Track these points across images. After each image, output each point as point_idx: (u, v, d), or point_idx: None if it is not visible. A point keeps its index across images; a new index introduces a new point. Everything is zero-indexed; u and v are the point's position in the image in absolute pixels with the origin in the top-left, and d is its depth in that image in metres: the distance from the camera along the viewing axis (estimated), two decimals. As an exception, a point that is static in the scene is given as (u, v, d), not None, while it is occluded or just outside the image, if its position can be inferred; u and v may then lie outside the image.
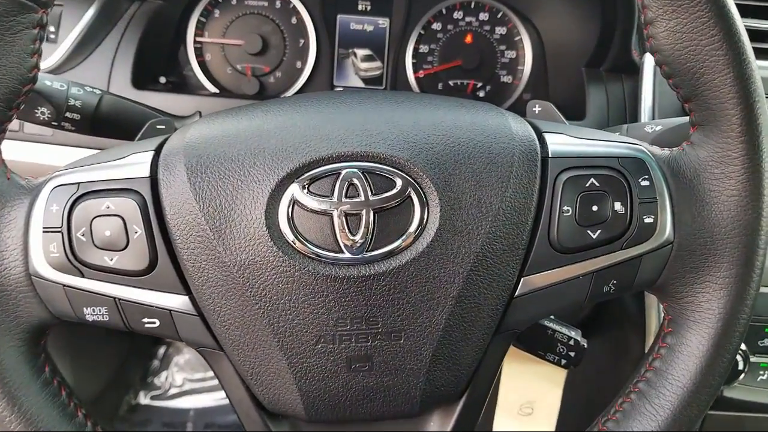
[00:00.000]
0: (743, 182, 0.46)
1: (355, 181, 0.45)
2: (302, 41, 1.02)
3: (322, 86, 1.03)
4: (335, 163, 0.45)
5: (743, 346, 0.73)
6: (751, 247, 0.47)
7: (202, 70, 1.02)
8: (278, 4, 1.01)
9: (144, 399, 1.57)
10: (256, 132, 0.47)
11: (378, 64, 1.04)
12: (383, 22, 1.03)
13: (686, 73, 0.46)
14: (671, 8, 0.45)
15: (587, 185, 0.47)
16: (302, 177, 0.45)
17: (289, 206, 0.45)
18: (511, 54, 1.03)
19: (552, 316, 0.67)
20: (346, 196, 0.45)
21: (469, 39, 1.03)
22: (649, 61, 0.80)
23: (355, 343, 0.46)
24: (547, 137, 0.49)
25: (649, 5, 0.46)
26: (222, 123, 0.50)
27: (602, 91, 0.84)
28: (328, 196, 0.45)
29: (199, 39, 1.02)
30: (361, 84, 1.05)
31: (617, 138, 0.51)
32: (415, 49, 1.03)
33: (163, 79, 0.95)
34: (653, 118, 0.79)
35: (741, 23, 0.45)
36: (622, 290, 0.49)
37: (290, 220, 0.45)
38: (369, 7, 1.03)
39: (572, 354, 0.58)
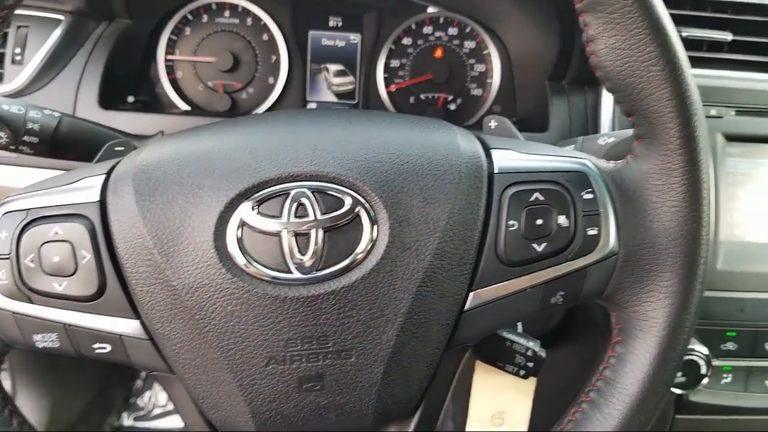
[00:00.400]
0: (683, 193, 0.47)
1: (305, 200, 0.45)
2: (274, 57, 1.03)
3: (295, 101, 1.04)
4: (284, 183, 0.46)
5: (705, 351, 0.73)
6: (692, 257, 0.48)
7: (173, 88, 1.03)
8: (249, 22, 1.02)
9: (127, 420, 1.56)
10: (207, 153, 0.48)
11: (350, 78, 1.05)
12: (354, 38, 1.04)
13: (626, 88, 0.48)
14: (610, 26, 0.46)
15: (532, 199, 0.48)
16: (251, 198, 0.46)
17: (238, 227, 0.45)
18: (480, 67, 1.04)
19: (519, 325, 0.68)
20: (295, 216, 0.45)
21: (439, 53, 1.04)
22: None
23: (306, 363, 0.46)
24: (495, 153, 0.50)
25: (590, 23, 0.47)
26: (174, 144, 0.50)
27: (565, 103, 0.85)
28: (278, 217, 0.45)
29: (170, 57, 1.03)
30: (334, 99, 1.06)
31: (563, 152, 0.52)
32: (387, 64, 1.04)
33: (131, 99, 0.95)
34: (614, 129, 0.80)
35: (677, 39, 0.47)
36: (570, 301, 0.50)
37: (239, 241, 0.45)
38: (340, 24, 1.04)
39: (531, 365, 0.59)
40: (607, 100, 0.81)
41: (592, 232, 0.49)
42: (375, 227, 0.46)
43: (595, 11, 0.46)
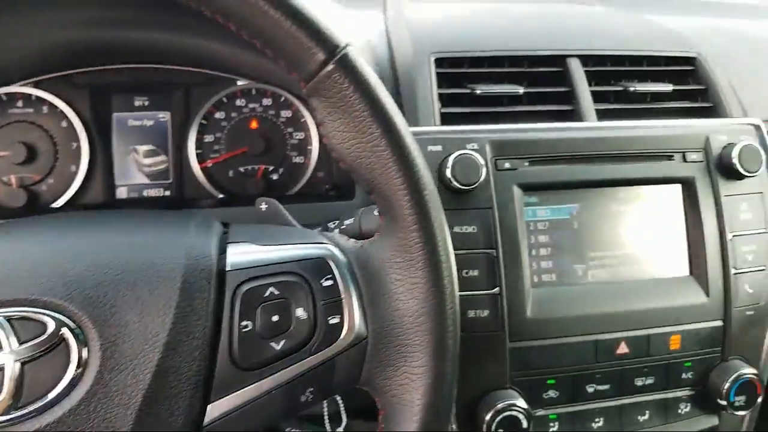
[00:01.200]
0: (422, 269, 0.46)
1: None
2: (75, 144, 0.97)
3: (103, 187, 0.98)
4: None
5: (524, 404, 0.73)
6: (440, 333, 0.46)
7: (-39, 189, 0.94)
8: (45, 110, 0.96)
9: None
10: None
11: (162, 158, 1.00)
12: (163, 116, 1.00)
13: (359, 168, 0.47)
14: (333, 110, 0.46)
15: (266, 295, 0.46)
16: None
17: None
18: (299, 135, 1.03)
19: (339, 399, 0.64)
20: None
21: (254, 124, 1.02)
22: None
23: None
24: (230, 248, 0.47)
25: (317, 108, 0.47)
26: None
27: (367, 170, 0.85)
28: None
29: None
30: (146, 180, 1.00)
31: (306, 239, 0.50)
32: (199, 140, 1.00)
33: None
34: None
35: (401, 119, 0.47)
36: (323, 394, 0.47)
37: None
38: (147, 103, 1.00)
39: None
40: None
41: (334, 320, 0.46)
42: (85, 350, 0.41)
43: (319, 96, 0.46)
